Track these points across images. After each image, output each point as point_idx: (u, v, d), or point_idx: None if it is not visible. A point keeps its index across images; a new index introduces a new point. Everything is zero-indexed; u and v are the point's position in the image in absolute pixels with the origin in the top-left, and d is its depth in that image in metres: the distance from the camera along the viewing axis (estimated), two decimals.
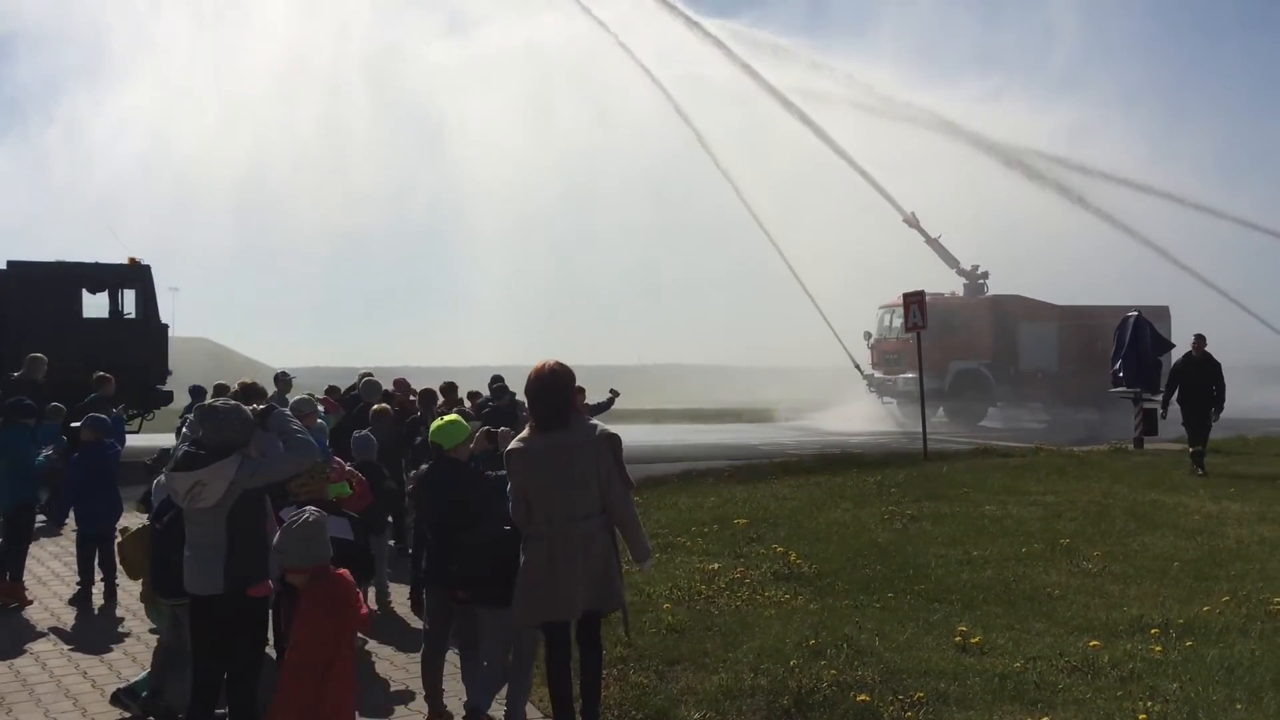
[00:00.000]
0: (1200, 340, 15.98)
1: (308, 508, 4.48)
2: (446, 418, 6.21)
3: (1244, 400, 30.22)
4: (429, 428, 6.41)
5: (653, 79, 30.63)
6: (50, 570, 9.58)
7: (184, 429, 5.64)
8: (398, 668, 6.72)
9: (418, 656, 5.99)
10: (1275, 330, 34.55)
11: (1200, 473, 14.89)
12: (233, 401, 5.08)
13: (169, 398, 19.19)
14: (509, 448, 5.19)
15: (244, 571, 4.68)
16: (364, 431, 8.50)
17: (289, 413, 5.19)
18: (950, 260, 32.52)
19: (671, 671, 6.15)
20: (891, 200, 32.13)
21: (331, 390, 14.25)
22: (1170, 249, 33.64)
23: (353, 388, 13.22)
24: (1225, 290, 33.69)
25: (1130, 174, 36.58)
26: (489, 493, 5.69)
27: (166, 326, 19.63)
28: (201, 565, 4.71)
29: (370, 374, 12.83)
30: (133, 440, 17.26)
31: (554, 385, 5.08)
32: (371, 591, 7.80)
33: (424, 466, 6.12)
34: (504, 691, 5.52)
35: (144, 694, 5.84)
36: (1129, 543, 9.82)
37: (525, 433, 5.16)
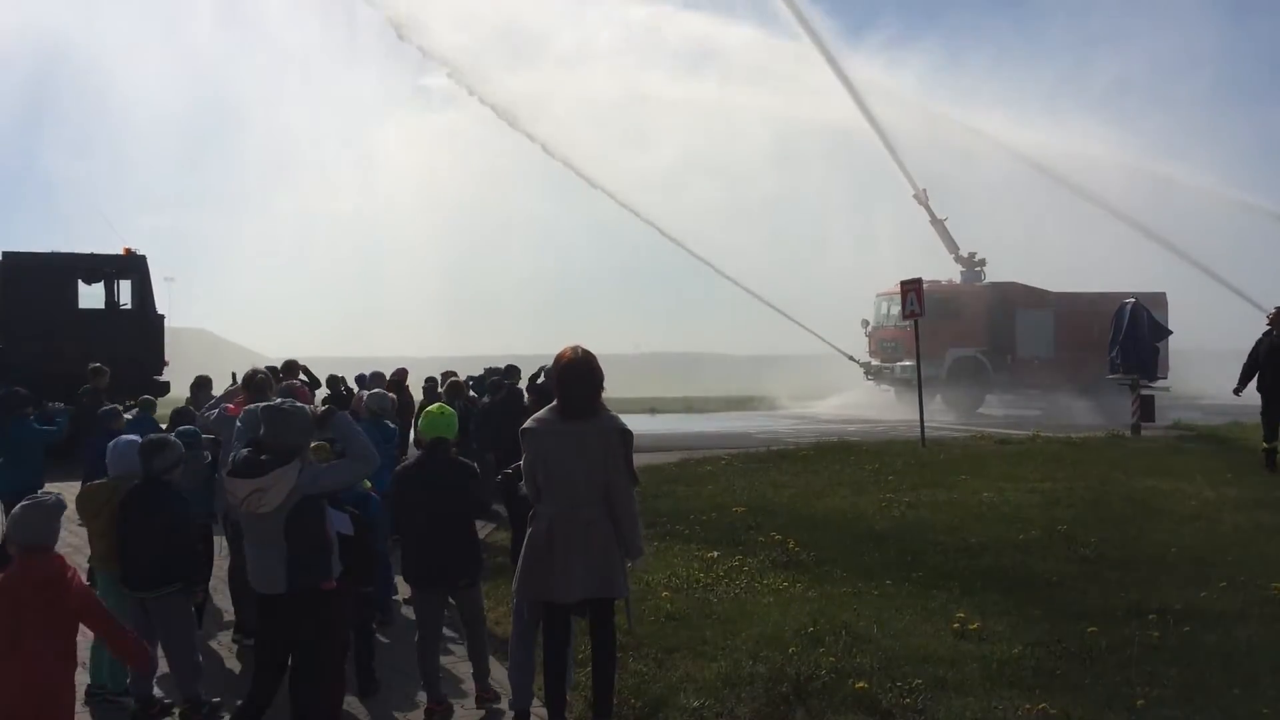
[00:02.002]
0: None
1: (46, 493, 4.27)
2: (438, 406, 6.17)
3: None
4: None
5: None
6: None
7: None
8: (400, 656, 6.72)
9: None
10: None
11: (1270, 471, 13.21)
12: (297, 403, 4.93)
13: (165, 388, 19.16)
14: (524, 426, 5.19)
15: (306, 571, 4.62)
16: None
17: (350, 417, 5.09)
18: (951, 245, 32.49)
19: (670, 659, 6.16)
20: (906, 172, 32.02)
21: (333, 380, 14.25)
22: (1166, 234, 33.59)
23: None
24: (1222, 276, 33.63)
25: (1127, 158, 36.60)
26: (486, 482, 5.69)
27: (163, 317, 19.57)
28: (265, 565, 4.65)
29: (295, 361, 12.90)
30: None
31: (580, 372, 5.08)
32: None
33: (411, 460, 6.04)
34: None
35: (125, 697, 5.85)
36: (1126, 529, 9.83)
37: (544, 413, 5.16)
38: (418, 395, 14.55)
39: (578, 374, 5.07)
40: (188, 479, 6.26)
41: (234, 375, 12.93)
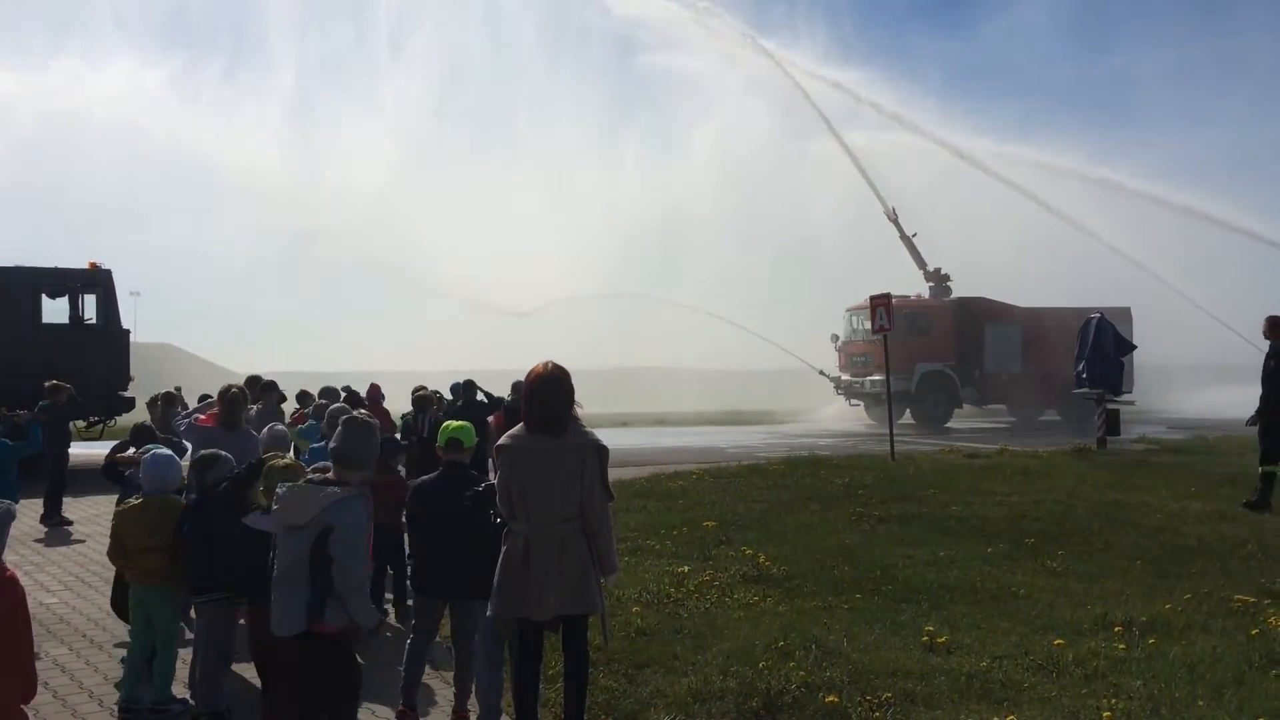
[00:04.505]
0: (1276, 322, 11.87)
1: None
2: (457, 422, 6.13)
3: (1204, 400, 30.74)
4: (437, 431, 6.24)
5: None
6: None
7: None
8: (368, 678, 6.65)
9: (393, 660, 5.93)
10: (1234, 330, 35.00)
11: (1253, 501, 11.69)
12: (374, 420, 4.78)
13: (130, 404, 18.92)
14: (499, 442, 5.16)
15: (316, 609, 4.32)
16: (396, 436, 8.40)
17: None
18: (920, 261, 32.84)
19: (641, 675, 6.14)
20: (877, 192, 32.47)
21: (303, 396, 14.12)
22: (1129, 249, 34.10)
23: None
24: (1183, 291, 34.15)
25: (1088, 171, 37.23)
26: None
27: (128, 332, 19.35)
28: (285, 602, 4.30)
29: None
30: (93, 448, 17.04)
31: (551, 388, 5.05)
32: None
33: (431, 475, 5.96)
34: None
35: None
36: (1093, 542, 9.93)
37: (517, 430, 5.12)
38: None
39: (548, 389, 5.05)
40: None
41: (157, 398, 12.79)
